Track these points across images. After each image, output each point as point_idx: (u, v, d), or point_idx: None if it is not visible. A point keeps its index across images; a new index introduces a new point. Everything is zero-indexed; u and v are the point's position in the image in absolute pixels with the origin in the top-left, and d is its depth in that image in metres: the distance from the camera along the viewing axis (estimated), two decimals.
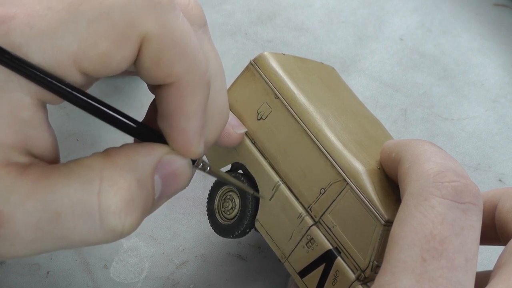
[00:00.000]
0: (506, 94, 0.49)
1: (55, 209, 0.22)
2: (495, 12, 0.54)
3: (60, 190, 0.22)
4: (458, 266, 0.24)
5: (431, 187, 0.25)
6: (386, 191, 0.30)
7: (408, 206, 0.25)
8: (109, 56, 0.23)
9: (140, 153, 0.24)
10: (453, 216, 0.25)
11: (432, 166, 0.26)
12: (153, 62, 0.23)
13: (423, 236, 0.24)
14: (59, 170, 0.23)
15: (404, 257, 0.24)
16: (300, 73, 0.34)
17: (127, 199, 0.23)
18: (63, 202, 0.22)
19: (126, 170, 0.23)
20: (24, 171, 0.23)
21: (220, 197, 0.35)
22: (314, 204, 0.31)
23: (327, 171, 0.31)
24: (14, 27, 0.21)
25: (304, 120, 0.32)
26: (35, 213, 0.22)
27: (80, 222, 0.23)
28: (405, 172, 0.28)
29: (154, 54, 0.23)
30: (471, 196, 0.25)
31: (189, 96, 0.24)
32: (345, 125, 0.33)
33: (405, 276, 0.24)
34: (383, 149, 0.31)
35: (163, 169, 0.25)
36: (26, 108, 0.22)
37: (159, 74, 0.24)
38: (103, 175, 0.23)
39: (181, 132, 0.25)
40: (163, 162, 0.25)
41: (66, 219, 0.22)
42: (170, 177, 0.25)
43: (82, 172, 0.23)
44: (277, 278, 0.39)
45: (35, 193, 0.22)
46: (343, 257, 0.30)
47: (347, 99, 0.37)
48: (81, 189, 0.22)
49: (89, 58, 0.22)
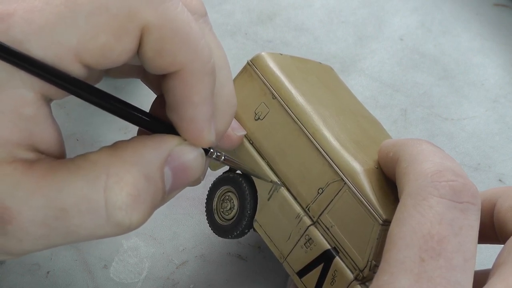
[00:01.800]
0: (506, 94, 0.49)
1: (62, 205, 0.22)
2: (495, 12, 0.54)
3: (66, 186, 0.22)
4: (457, 265, 0.24)
5: (429, 187, 0.25)
6: (384, 190, 0.30)
7: (406, 206, 0.25)
8: (109, 48, 0.23)
9: (148, 146, 0.24)
10: (452, 216, 0.25)
11: (430, 166, 0.26)
12: (155, 52, 0.23)
13: (422, 236, 0.24)
14: (66, 165, 0.23)
15: (403, 257, 0.24)
16: (297, 73, 0.34)
17: (133, 194, 0.23)
18: (69, 199, 0.22)
19: (133, 164, 0.23)
20: (30, 167, 0.23)
21: (219, 197, 0.35)
22: (312, 204, 0.31)
23: (325, 171, 0.31)
24: (14, 23, 0.22)
25: (301, 120, 0.32)
26: (42, 210, 0.22)
27: (87, 218, 0.23)
28: (403, 171, 0.27)
29: (156, 44, 0.23)
30: (469, 196, 0.25)
31: (195, 84, 0.24)
32: (343, 124, 0.33)
33: (403, 276, 0.24)
34: (380, 148, 0.31)
35: (173, 161, 0.25)
36: (30, 104, 0.23)
37: (162, 64, 0.24)
38: (110, 171, 0.23)
39: (191, 121, 0.25)
40: (174, 154, 0.25)
41: (73, 215, 0.23)
42: (181, 169, 0.25)
43: (88, 168, 0.23)
44: (277, 278, 0.39)
45: (41, 189, 0.22)
46: (341, 257, 0.30)
47: (345, 98, 0.37)
48: (87, 185, 0.23)
49: (89, 51, 0.22)
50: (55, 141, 0.24)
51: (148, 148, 0.24)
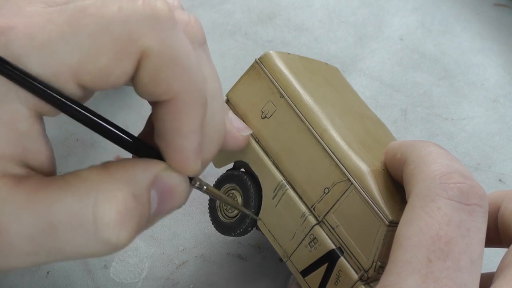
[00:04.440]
0: (506, 94, 0.49)
1: (51, 222, 0.22)
2: (495, 12, 0.54)
3: (56, 202, 0.22)
4: (464, 267, 0.24)
5: (438, 188, 0.25)
6: (390, 192, 0.30)
7: (414, 207, 0.25)
8: (109, 70, 0.22)
9: (138, 167, 0.24)
10: (459, 218, 0.25)
11: (438, 168, 0.26)
12: (151, 79, 0.23)
13: (429, 237, 0.24)
14: (56, 182, 0.23)
15: (410, 257, 0.24)
16: (305, 72, 0.34)
17: (122, 212, 0.23)
18: (59, 215, 0.22)
19: (122, 183, 0.23)
20: (20, 182, 0.22)
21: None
22: (317, 204, 0.31)
23: (332, 171, 0.31)
24: (14, 37, 0.21)
25: (309, 120, 0.32)
26: (31, 226, 0.22)
27: (76, 234, 0.22)
28: (411, 173, 0.28)
29: (153, 71, 0.23)
30: (477, 198, 0.25)
31: (186, 114, 0.24)
32: (350, 125, 0.33)
33: (410, 276, 0.24)
34: (387, 150, 0.31)
35: (159, 185, 0.25)
36: (24, 120, 0.22)
37: (156, 91, 0.23)
38: (99, 188, 0.23)
39: (178, 150, 0.25)
40: (160, 179, 0.25)
41: (62, 232, 0.22)
42: (166, 193, 0.25)
43: (78, 184, 0.23)
44: (277, 278, 0.39)
45: (31, 205, 0.22)
46: (346, 257, 0.30)
47: (351, 99, 0.37)
48: (77, 201, 0.22)
49: (89, 72, 0.22)
50: (46, 158, 0.24)
51: (137, 169, 0.24)
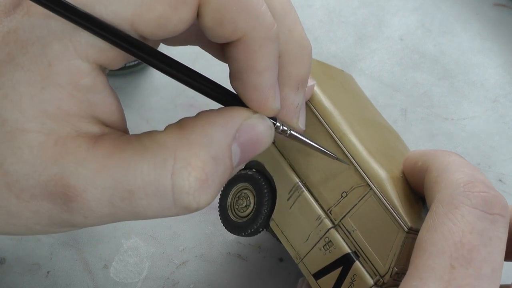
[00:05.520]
0: (506, 94, 0.49)
1: (128, 187, 0.22)
2: (495, 12, 0.54)
3: (133, 168, 0.22)
4: (485, 275, 0.24)
5: (462, 196, 0.26)
6: (409, 199, 0.30)
7: (437, 214, 0.26)
8: (166, 19, 0.22)
9: (217, 124, 0.24)
10: (482, 226, 0.25)
11: (461, 176, 0.27)
12: (215, 22, 0.23)
13: (453, 243, 0.24)
14: (131, 145, 0.23)
15: (433, 263, 0.24)
16: (324, 77, 0.34)
17: (201, 179, 0.23)
18: (136, 181, 0.22)
19: (201, 147, 0.23)
20: (95, 143, 0.22)
21: (234, 194, 0.34)
22: (334, 207, 0.31)
23: (350, 175, 0.31)
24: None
25: (329, 123, 0.31)
26: (108, 190, 0.22)
27: (153, 200, 0.23)
28: (434, 180, 0.28)
29: (215, 14, 0.23)
30: (500, 208, 0.26)
31: (258, 51, 0.24)
32: (368, 132, 0.33)
33: (433, 282, 0.24)
34: (407, 157, 0.31)
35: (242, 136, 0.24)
36: (86, 75, 0.22)
37: (224, 33, 0.23)
38: (177, 155, 0.23)
39: (254, 88, 0.24)
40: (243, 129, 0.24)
41: (140, 197, 0.22)
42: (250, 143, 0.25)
43: (155, 151, 0.23)
44: (277, 278, 0.39)
45: (107, 170, 0.22)
46: (362, 261, 0.30)
47: (367, 107, 0.37)
48: (154, 169, 0.22)
49: (145, 21, 0.22)
50: (115, 110, 0.24)
51: (216, 127, 0.24)
